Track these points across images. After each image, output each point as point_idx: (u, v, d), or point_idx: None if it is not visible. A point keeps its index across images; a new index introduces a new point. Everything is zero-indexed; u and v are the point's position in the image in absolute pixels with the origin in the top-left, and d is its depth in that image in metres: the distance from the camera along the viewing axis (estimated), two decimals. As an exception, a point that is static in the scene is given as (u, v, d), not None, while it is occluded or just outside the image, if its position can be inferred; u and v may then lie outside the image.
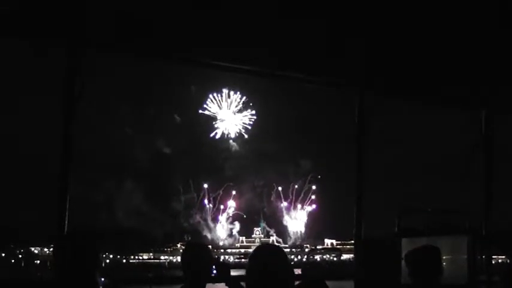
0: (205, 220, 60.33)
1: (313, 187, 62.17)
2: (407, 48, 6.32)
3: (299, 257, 59.10)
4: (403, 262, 5.14)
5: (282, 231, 62.78)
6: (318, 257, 55.30)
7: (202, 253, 4.45)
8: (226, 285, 4.48)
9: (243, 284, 4.18)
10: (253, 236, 62.35)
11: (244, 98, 63.08)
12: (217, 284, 4.57)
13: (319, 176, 61.45)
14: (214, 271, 4.44)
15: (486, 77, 6.82)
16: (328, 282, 3.54)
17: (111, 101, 51.45)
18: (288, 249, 60.72)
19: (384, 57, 6.48)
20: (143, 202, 54.96)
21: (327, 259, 53.75)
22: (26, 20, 5.21)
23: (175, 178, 58.43)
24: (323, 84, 7.33)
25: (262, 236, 62.30)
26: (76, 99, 5.41)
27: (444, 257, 4.87)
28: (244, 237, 62.12)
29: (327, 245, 60.33)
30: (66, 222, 5.16)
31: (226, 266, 4.57)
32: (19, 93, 47.45)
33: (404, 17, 5.78)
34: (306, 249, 59.61)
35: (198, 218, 59.96)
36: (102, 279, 3.90)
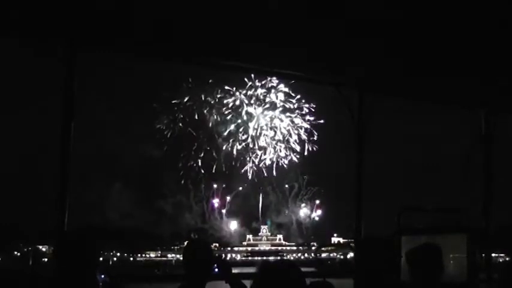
0: (196, 222, 59.85)
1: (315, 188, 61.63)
2: (407, 48, 6.35)
3: (306, 254, 59.03)
4: (402, 260, 5.18)
5: (287, 229, 62.58)
6: (324, 255, 55.24)
7: (202, 250, 4.51)
8: (226, 282, 4.53)
9: (244, 281, 4.24)
10: (260, 234, 62.24)
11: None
12: (218, 281, 4.63)
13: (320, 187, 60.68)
14: (216, 269, 4.49)
15: (486, 77, 6.84)
16: (331, 280, 3.58)
17: (104, 103, 51.40)
18: (295, 247, 60.71)
19: (384, 57, 6.51)
20: (136, 203, 54.97)
21: (333, 257, 53.69)
22: (25, 20, 5.27)
23: (168, 179, 58.30)
24: (323, 84, 7.37)
25: (269, 234, 62.16)
26: (75, 98, 5.48)
27: (444, 255, 4.89)
28: (251, 235, 62.02)
29: (334, 242, 60.11)
30: (66, 220, 5.23)
31: (228, 264, 4.63)
32: (19, 93, 47.59)
33: (405, 17, 5.80)
34: (313, 248, 59.46)
35: (189, 217, 59.67)
36: (102, 276, 3.97)
